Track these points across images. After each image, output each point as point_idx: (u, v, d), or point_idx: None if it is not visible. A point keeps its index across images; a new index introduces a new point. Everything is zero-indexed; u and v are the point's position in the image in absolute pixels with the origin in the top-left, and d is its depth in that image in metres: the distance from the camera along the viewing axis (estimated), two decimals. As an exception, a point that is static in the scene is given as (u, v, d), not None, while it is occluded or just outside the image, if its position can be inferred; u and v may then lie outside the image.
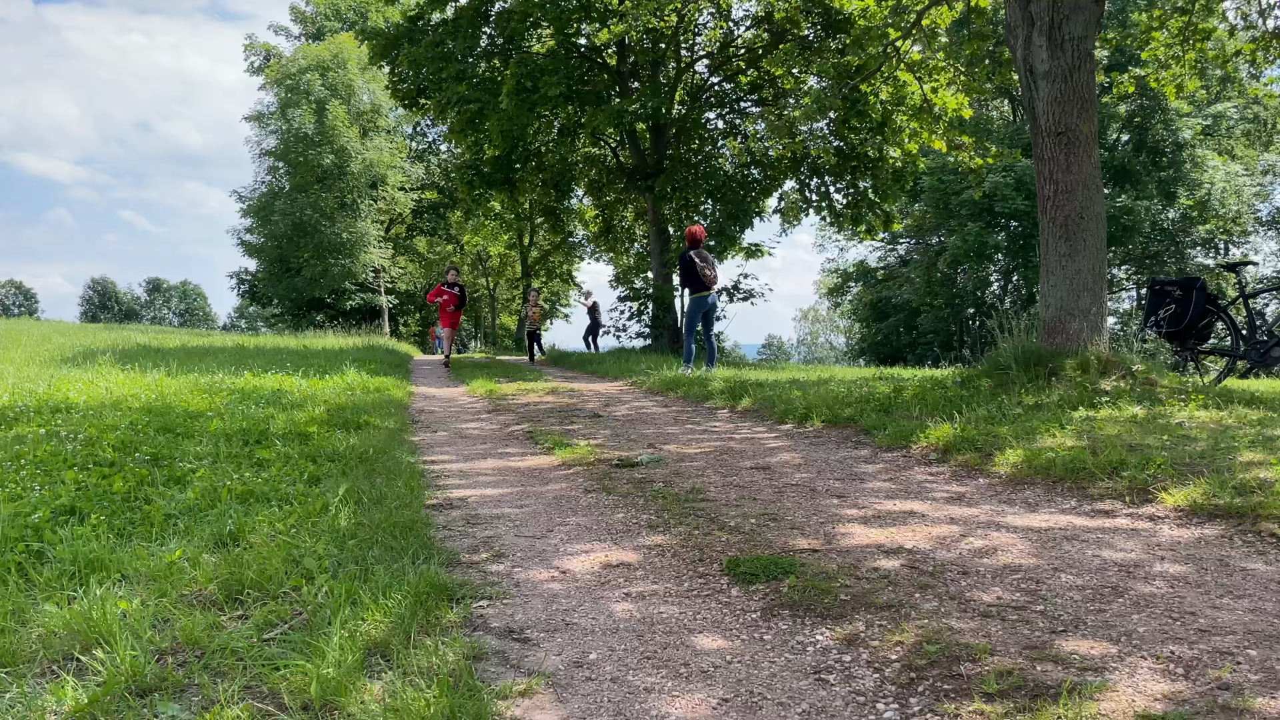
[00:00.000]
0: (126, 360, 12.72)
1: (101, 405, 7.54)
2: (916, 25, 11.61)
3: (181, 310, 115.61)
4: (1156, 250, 39.34)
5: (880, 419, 6.93)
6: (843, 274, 53.31)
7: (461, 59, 19.94)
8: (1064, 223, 7.45)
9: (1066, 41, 7.40)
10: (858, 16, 16.97)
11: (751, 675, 2.56)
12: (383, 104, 42.40)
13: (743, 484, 5.21)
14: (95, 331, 26.88)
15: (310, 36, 47.93)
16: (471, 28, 19.92)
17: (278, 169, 42.69)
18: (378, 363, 15.37)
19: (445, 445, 7.32)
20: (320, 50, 41.10)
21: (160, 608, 2.98)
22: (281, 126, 40.66)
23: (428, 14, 20.73)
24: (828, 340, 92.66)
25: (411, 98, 21.60)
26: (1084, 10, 7.37)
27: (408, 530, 3.87)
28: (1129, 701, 2.24)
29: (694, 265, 13.06)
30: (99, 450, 5.42)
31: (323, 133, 39.60)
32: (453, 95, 19.50)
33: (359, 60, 39.31)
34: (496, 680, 2.52)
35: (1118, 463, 4.67)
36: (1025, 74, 7.72)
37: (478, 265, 50.25)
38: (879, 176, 20.41)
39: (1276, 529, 3.66)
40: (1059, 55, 7.41)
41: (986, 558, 3.51)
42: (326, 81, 40.39)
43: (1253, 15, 9.41)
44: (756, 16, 20.85)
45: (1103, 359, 7.20)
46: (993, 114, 41.46)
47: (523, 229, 41.03)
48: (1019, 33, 7.73)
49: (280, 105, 40.90)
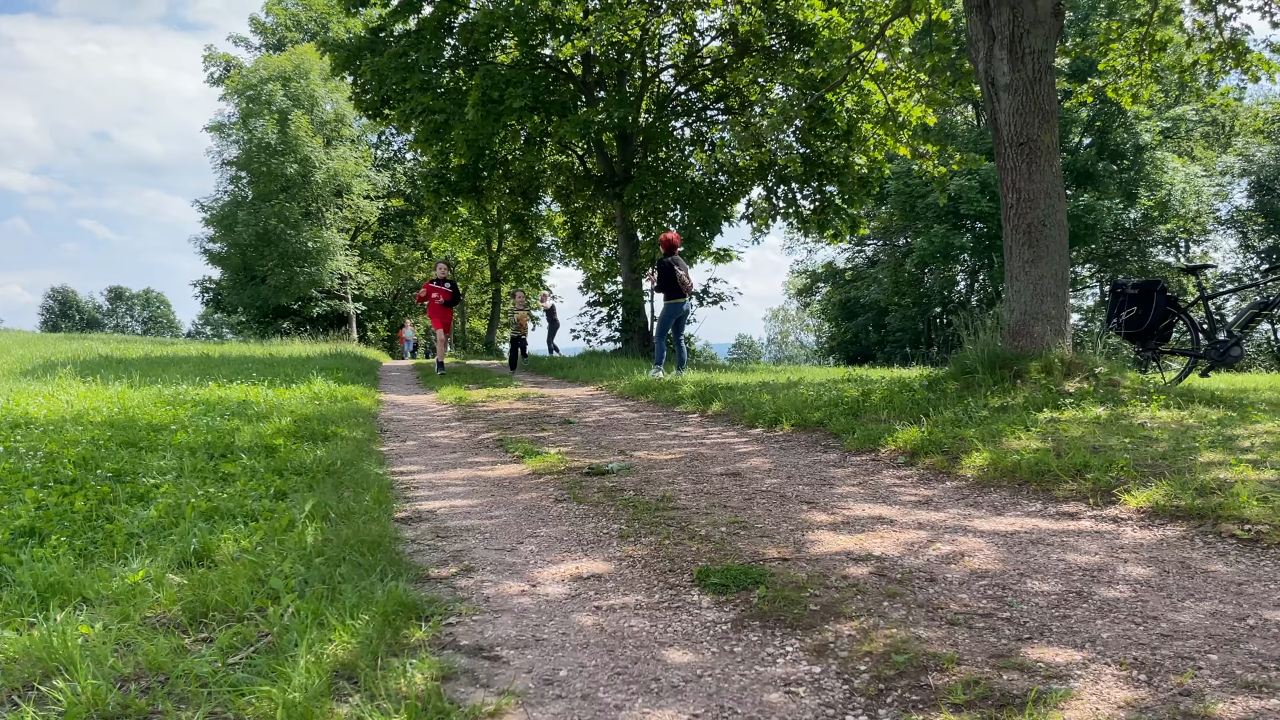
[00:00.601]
0: (88, 372, 12.53)
1: (62, 420, 7.42)
2: (880, 37, 11.70)
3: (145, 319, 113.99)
4: (1119, 249, 39.95)
5: (849, 422, 6.97)
6: (811, 275, 53.68)
7: (425, 70, 19.84)
8: (1027, 230, 7.54)
9: (1027, 55, 7.49)
10: (822, 28, 17.09)
11: (722, 689, 2.56)
12: (346, 113, 42.10)
13: (713, 491, 5.22)
14: (56, 341, 26.45)
15: (271, 47, 47.55)
16: (435, 39, 19.83)
17: (240, 178, 42.27)
18: (345, 370, 15.25)
19: (414, 455, 7.28)
20: (282, 61, 40.75)
21: (123, 632, 2.93)
22: (243, 136, 40.26)
23: (390, 25, 20.61)
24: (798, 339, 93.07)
25: (375, 108, 21.46)
26: (1044, 24, 7.47)
27: (376, 546, 3.84)
28: (1093, 709, 2.26)
29: (673, 272, 13.10)
30: (59, 467, 5.33)
31: (286, 142, 39.24)
32: (417, 105, 19.39)
33: (321, 71, 39.04)
34: (466, 700, 2.50)
35: (1082, 464, 4.74)
36: (987, 86, 7.81)
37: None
38: (845, 183, 20.56)
39: (1236, 530, 3.72)
40: (1020, 68, 7.50)
41: (954, 564, 3.54)
42: (289, 92, 40.06)
43: (1209, 26, 9.56)
44: (721, 29, 20.93)
45: (1066, 361, 7.29)
46: (957, 119, 41.87)
47: (491, 235, 40.91)
48: (980, 46, 7.81)
49: (241, 115, 40.49)
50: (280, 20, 47.81)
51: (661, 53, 22.63)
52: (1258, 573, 3.28)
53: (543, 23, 18.48)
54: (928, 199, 34.71)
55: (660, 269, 13.34)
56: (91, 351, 21.00)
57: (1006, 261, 7.77)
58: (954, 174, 30.12)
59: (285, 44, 46.01)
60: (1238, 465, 4.45)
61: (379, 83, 20.13)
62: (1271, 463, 4.47)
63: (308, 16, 47.23)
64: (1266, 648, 2.59)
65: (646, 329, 22.55)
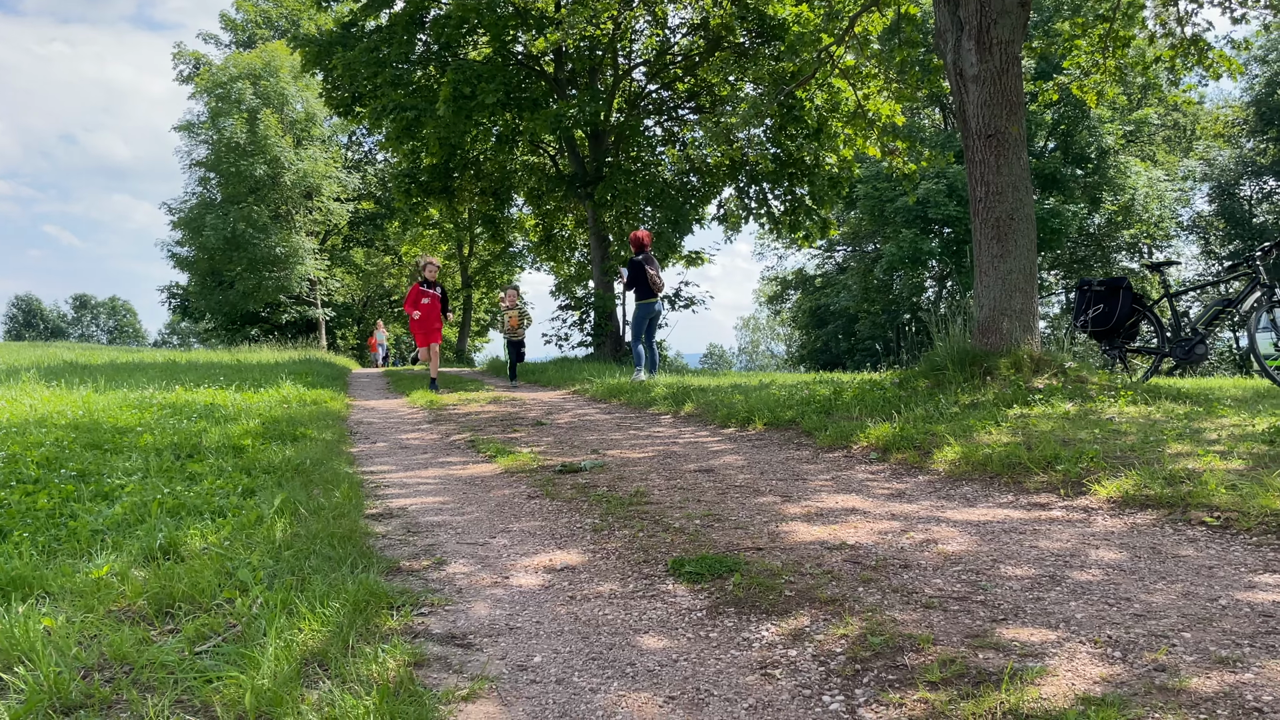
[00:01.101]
0: (52, 377, 12.32)
1: (25, 422, 7.28)
2: (849, 32, 11.78)
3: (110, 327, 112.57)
4: (1084, 255, 40.45)
5: (821, 420, 6.98)
6: (782, 281, 53.89)
7: (397, 66, 19.71)
8: (995, 224, 7.60)
9: (995, 45, 7.55)
10: (791, 23, 17.18)
11: (698, 672, 2.54)
12: (317, 113, 41.74)
13: (687, 486, 5.21)
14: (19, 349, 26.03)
15: (241, 44, 47.09)
16: (406, 34, 19.71)
17: (209, 180, 41.77)
18: (315, 375, 15.11)
19: (385, 456, 7.21)
20: (252, 58, 40.33)
21: (87, 624, 2.87)
22: (212, 136, 39.81)
23: (361, 20, 20.49)
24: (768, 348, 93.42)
25: (346, 105, 21.29)
26: (1011, 14, 7.54)
27: (346, 540, 3.79)
28: (1069, 685, 2.27)
29: (644, 271, 12.90)
30: (22, 468, 5.23)
31: (255, 142, 38.83)
32: (388, 102, 19.24)
33: (291, 68, 38.68)
34: (439, 686, 2.47)
35: (1052, 457, 4.77)
36: (955, 78, 7.87)
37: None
38: (815, 183, 20.66)
39: (1206, 517, 3.75)
40: (987, 59, 7.57)
41: (927, 551, 3.54)
42: (258, 90, 39.65)
43: (1171, 23, 9.71)
44: (692, 24, 20.99)
45: (1035, 357, 7.35)
46: (925, 122, 42.24)
47: (462, 238, 40.71)
48: (948, 37, 7.87)
49: (211, 114, 40.03)
50: (250, 17, 47.37)
51: (633, 49, 22.66)
52: (1228, 557, 3.31)
53: (515, 17, 18.43)
54: (896, 203, 34.97)
55: (631, 268, 13.17)
56: (56, 358, 20.70)
57: (975, 257, 7.82)
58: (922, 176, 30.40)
59: (256, 41, 45.60)
60: (1205, 456, 4.50)
61: (350, 79, 19.97)
62: (1238, 453, 4.52)
63: (278, 13, 46.85)
64: (1239, 625, 2.61)
65: (619, 333, 22.51)
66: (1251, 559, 3.25)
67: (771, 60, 18.04)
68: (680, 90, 22.78)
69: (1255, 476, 3.99)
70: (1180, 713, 2.08)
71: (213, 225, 38.85)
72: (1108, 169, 36.31)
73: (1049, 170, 35.61)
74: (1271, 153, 38.40)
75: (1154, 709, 2.11)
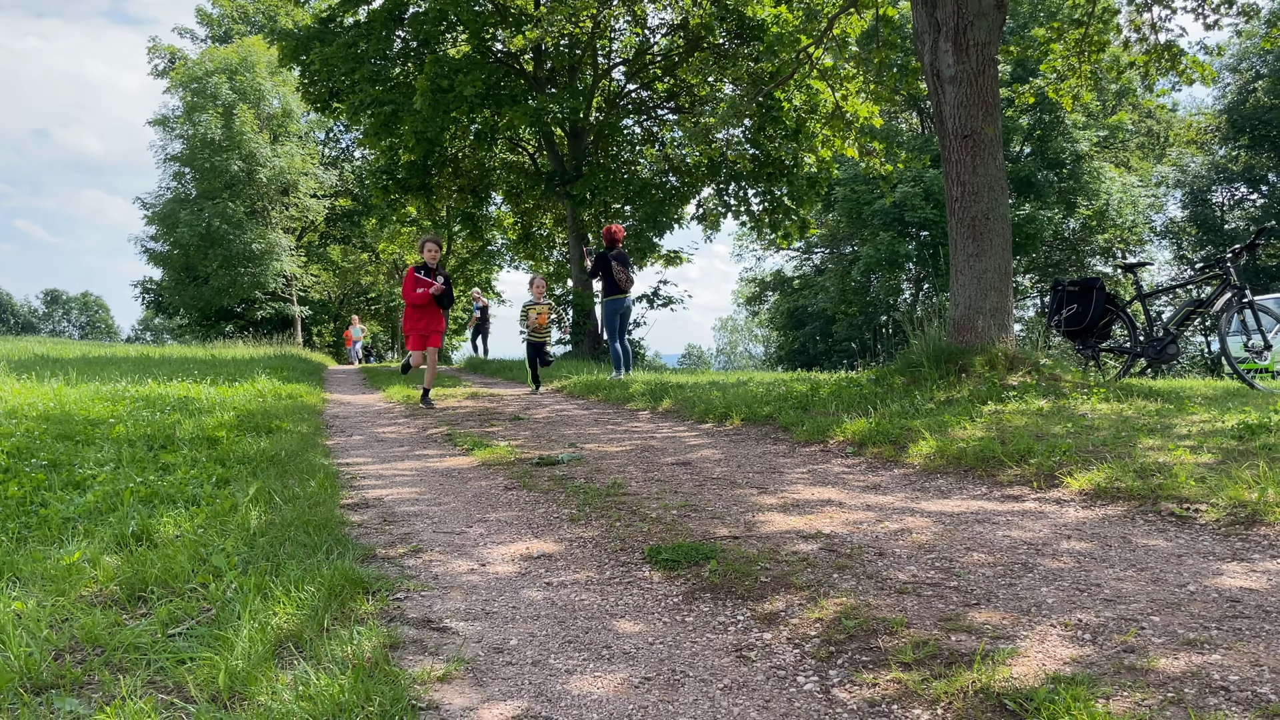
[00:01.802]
0: (23, 370, 12.18)
1: (-6, 413, 7.20)
2: (827, 33, 11.85)
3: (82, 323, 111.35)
4: (1058, 259, 40.82)
5: (798, 416, 7.02)
6: (760, 283, 54.05)
7: (375, 62, 19.61)
8: (971, 223, 7.66)
9: (971, 46, 7.62)
10: (770, 24, 17.24)
11: (674, 655, 2.55)
12: (293, 109, 41.43)
13: (664, 478, 5.22)
14: (-12, 343, 25.68)
15: (217, 39, 46.69)
16: (385, 30, 19.61)
17: (183, 175, 41.37)
18: (291, 371, 15.01)
19: (361, 448, 7.18)
20: (228, 53, 39.99)
21: (58, 608, 2.84)
22: (187, 131, 39.41)
23: (340, 16, 20.37)
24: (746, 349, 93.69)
25: (324, 100, 21.16)
26: (987, 16, 7.60)
27: (321, 528, 3.78)
28: (1039, 665, 2.29)
29: (610, 265, 12.61)
30: (-9, 456, 5.17)
31: (230, 138, 38.49)
32: (366, 96, 19.12)
33: (268, 64, 38.39)
34: (413, 667, 2.46)
35: (1025, 451, 4.81)
36: (932, 79, 7.93)
37: (394, 274, 49.45)
38: (794, 183, 20.74)
39: (1175, 508, 3.80)
40: (964, 60, 7.63)
41: (901, 540, 3.57)
42: (234, 85, 39.31)
43: (1144, 29, 9.83)
44: (672, 24, 21.02)
45: (1010, 355, 7.42)
46: (902, 125, 42.50)
47: (440, 236, 40.51)
48: (926, 38, 7.93)
49: (186, 109, 39.62)
50: (227, 11, 46.98)
51: (613, 49, 22.67)
52: (1197, 546, 3.35)
53: (494, 15, 18.38)
54: (874, 206, 35.17)
55: (598, 262, 12.74)
56: (26, 351, 20.45)
57: (951, 256, 7.89)
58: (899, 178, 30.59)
59: (232, 36, 45.22)
60: (1176, 450, 4.56)
61: (328, 74, 19.83)
62: (1208, 448, 4.58)
63: (255, 8, 46.48)
64: (1206, 610, 2.65)
65: (597, 331, 22.50)
66: (1219, 548, 3.30)
67: (750, 61, 18.10)
68: (659, 90, 22.81)
69: (1224, 470, 4.05)
70: (1148, 691, 2.11)
71: (187, 221, 38.47)
72: (1082, 174, 36.67)
73: (1024, 174, 35.93)
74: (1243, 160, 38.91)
75: (1123, 687, 2.14)
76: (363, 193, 41.25)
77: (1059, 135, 36.19)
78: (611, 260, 12.54)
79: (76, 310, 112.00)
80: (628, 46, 22.58)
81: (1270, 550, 3.23)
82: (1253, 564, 3.08)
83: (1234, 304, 7.92)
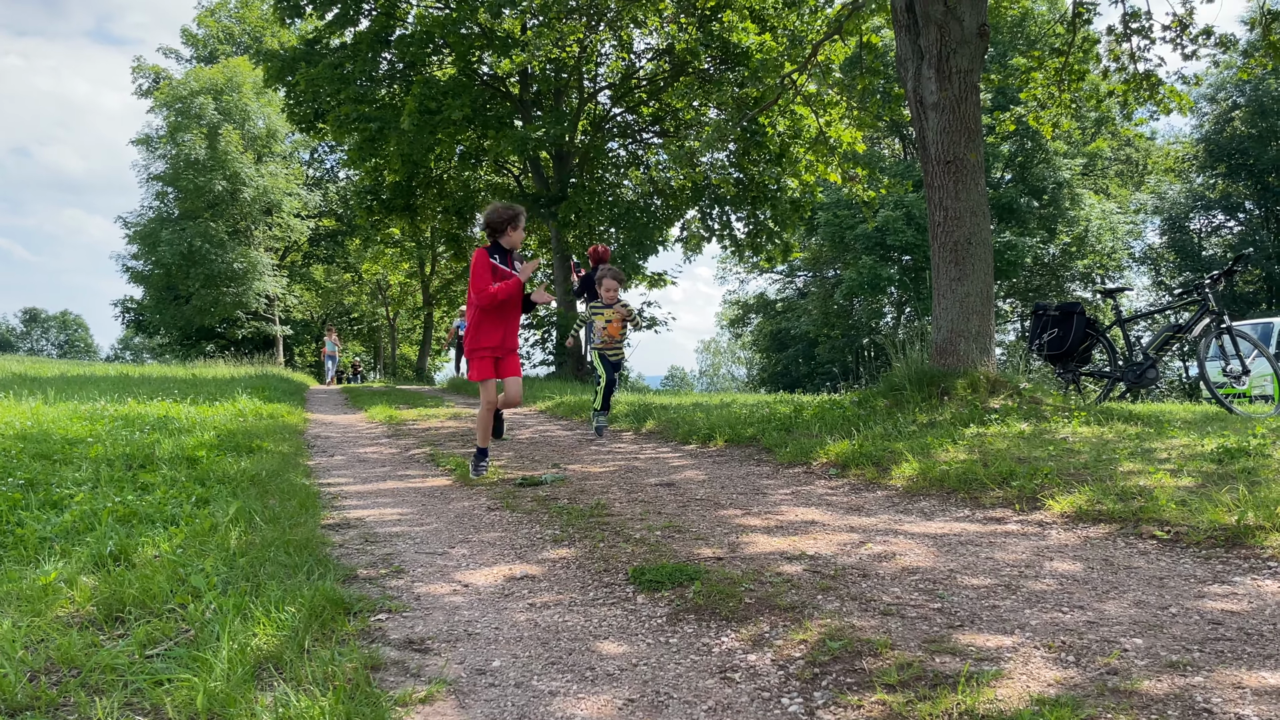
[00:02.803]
0: (0, 389, 12.05)
1: (-30, 431, 7.11)
2: (811, 60, 11.97)
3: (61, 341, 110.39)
4: (1039, 284, 41.17)
5: (781, 437, 7.03)
6: (743, 305, 54.23)
7: (361, 84, 19.64)
8: (953, 248, 7.72)
9: (954, 74, 7.71)
10: (755, 50, 17.40)
11: (658, 676, 2.54)
12: (278, 129, 41.40)
13: (647, 500, 5.21)
14: (-35, 361, 25.43)
15: (202, 59, 46.67)
16: (371, 52, 19.65)
17: (166, 194, 41.22)
18: (272, 390, 14.91)
19: (342, 469, 7.13)
20: (213, 73, 39.95)
21: (34, 628, 2.80)
22: (171, 150, 39.30)
23: (326, 38, 20.40)
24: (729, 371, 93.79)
25: (309, 121, 21.15)
26: (969, 44, 7.70)
27: (302, 548, 3.74)
28: (1024, 687, 2.29)
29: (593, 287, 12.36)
30: (-34, 475, 5.10)
31: (215, 158, 38.41)
32: (352, 112, 19.13)
33: (254, 84, 38.37)
34: (395, 688, 2.44)
35: (1007, 474, 4.84)
36: (915, 105, 8.01)
37: (377, 294, 49.36)
38: (778, 206, 20.86)
39: (1157, 531, 3.82)
40: (947, 87, 7.72)
41: (885, 562, 3.57)
42: (220, 105, 39.25)
43: (1124, 59, 9.98)
44: (657, 49, 21.18)
45: (991, 379, 7.46)
46: (884, 151, 42.87)
47: (424, 257, 40.49)
48: (909, 66, 8.03)
49: (170, 129, 39.51)
50: (212, 32, 47.00)
51: (599, 72, 22.80)
52: (1178, 569, 3.37)
53: (481, 38, 18.45)
54: (856, 230, 35.41)
55: (584, 283, 12.37)
56: (4, 370, 20.26)
57: (934, 280, 7.94)
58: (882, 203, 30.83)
59: (217, 56, 45.18)
60: (1156, 473, 4.59)
61: (313, 95, 19.83)
62: (1188, 471, 4.61)
63: (240, 30, 46.50)
64: (1189, 632, 2.66)
65: (581, 352, 22.50)
66: (1201, 570, 3.32)
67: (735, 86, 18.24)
68: (645, 114, 22.94)
69: (1204, 493, 4.08)
70: (1132, 713, 2.12)
71: (169, 240, 38.28)
72: (1062, 201, 37.07)
73: (1006, 200, 36.27)
74: (1220, 188, 39.44)
75: (1106, 709, 2.14)
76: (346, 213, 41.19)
77: (1040, 163, 36.59)
78: (595, 282, 12.44)
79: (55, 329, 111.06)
80: (614, 71, 22.73)
81: (1251, 572, 3.25)
82: (1234, 586, 3.10)
83: (1212, 329, 8.00)
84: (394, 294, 48.77)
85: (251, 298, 40.35)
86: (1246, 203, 39.42)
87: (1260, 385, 13.89)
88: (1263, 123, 36.13)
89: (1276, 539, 3.45)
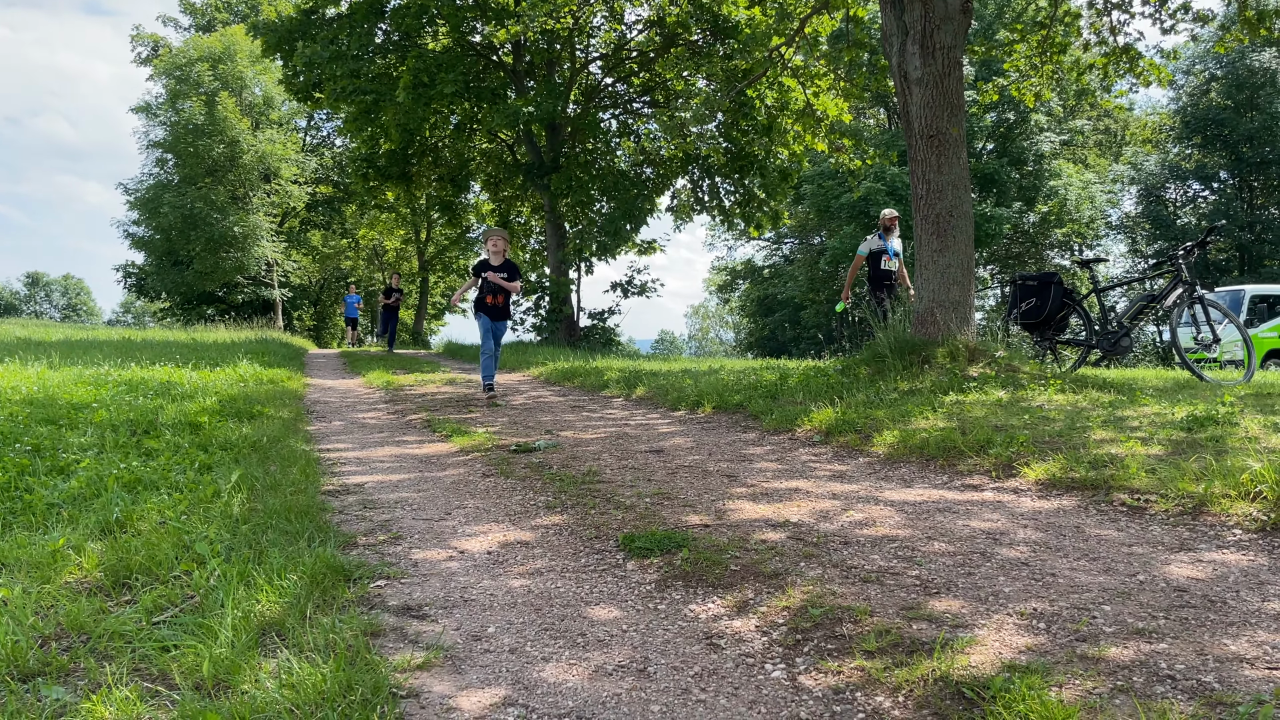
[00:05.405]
0: (5, 353, 12.09)
1: (-27, 398, 7.17)
2: (799, 33, 11.96)
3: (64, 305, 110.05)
4: (1018, 252, 41.40)
5: (767, 404, 7.15)
6: (731, 271, 54.30)
7: (356, 57, 19.60)
8: (935, 220, 7.82)
9: (938, 50, 7.77)
10: (744, 24, 17.37)
11: (646, 642, 2.66)
12: (275, 96, 41.23)
13: (637, 466, 5.33)
14: (-41, 326, 25.35)
15: (200, 28, 46.46)
16: (367, 23, 19.63)
17: (166, 160, 41.09)
18: (272, 355, 14.96)
19: (341, 434, 7.23)
20: (211, 42, 39.79)
21: (43, 595, 2.90)
22: (170, 117, 39.23)
23: (322, 8, 20.29)
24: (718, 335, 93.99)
25: (306, 91, 21.12)
26: (953, 20, 7.75)
27: (303, 514, 3.85)
28: (996, 653, 2.41)
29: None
30: (-28, 442, 5.17)
31: (213, 124, 38.32)
32: (349, 85, 19.13)
33: (250, 53, 38.21)
34: (394, 654, 2.55)
35: (984, 441, 4.96)
36: (900, 80, 8.07)
37: (374, 259, 49.27)
38: (766, 176, 20.89)
39: (1126, 499, 3.95)
40: (931, 62, 7.78)
41: (866, 529, 3.70)
42: (217, 73, 39.17)
43: (1104, 32, 10.04)
44: (649, 20, 21.09)
45: (970, 347, 7.60)
46: (870, 122, 42.79)
47: (419, 223, 40.44)
48: (894, 41, 8.07)
49: (169, 96, 39.46)
50: (210, 1, 46.77)
51: (591, 43, 22.72)
52: (1146, 536, 3.50)
53: (474, 9, 18.36)
54: (841, 200, 35.48)
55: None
56: (9, 335, 20.26)
57: (916, 251, 8.04)
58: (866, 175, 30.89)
59: (215, 25, 45.02)
60: (1127, 442, 4.72)
61: (309, 69, 19.79)
62: (1158, 439, 4.75)
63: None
64: (1155, 599, 2.78)
65: (574, 318, 22.63)
66: (1168, 538, 3.45)
67: (724, 58, 18.22)
68: (636, 84, 22.91)
69: (1173, 461, 4.21)
70: (1099, 679, 2.23)
71: (170, 204, 38.26)
72: (1043, 172, 37.20)
73: (988, 170, 36.38)
74: (1195, 158, 39.65)
75: (1075, 675, 2.26)
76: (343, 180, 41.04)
77: (1022, 135, 36.66)
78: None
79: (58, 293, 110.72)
80: (606, 42, 22.64)
81: (1216, 541, 3.38)
82: (1199, 554, 3.23)
83: (1185, 299, 8.12)
84: (390, 259, 48.66)
85: (251, 262, 40.40)
86: (1221, 173, 39.66)
87: (1230, 351, 14.11)
88: (1240, 94, 36.25)
89: (1241, 507, 3.58)
